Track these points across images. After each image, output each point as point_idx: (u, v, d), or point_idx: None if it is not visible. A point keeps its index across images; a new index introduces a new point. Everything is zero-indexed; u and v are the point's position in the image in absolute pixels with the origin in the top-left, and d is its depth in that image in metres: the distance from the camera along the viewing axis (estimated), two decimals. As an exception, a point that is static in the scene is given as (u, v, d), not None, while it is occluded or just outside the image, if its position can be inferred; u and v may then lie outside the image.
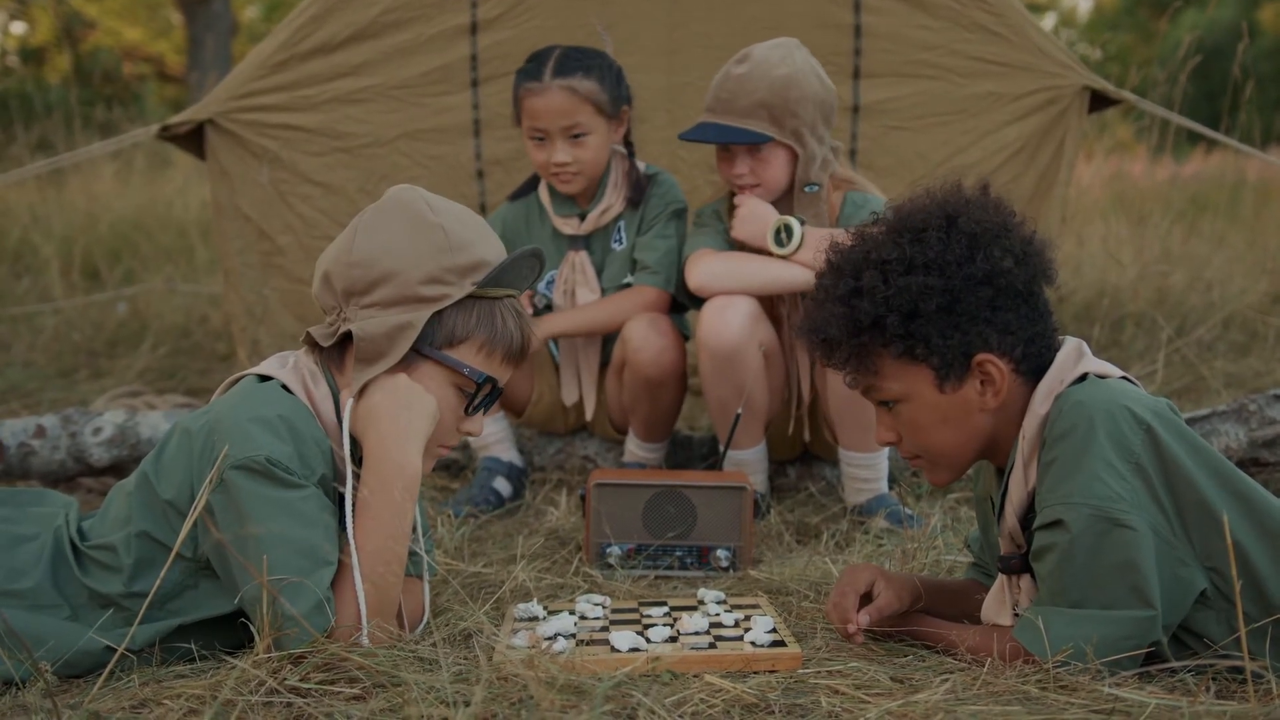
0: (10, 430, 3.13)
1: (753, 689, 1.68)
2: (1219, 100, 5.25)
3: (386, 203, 1.93)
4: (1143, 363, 4.44)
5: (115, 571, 1.83)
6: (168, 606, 1.84)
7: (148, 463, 1.88)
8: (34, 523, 1.91)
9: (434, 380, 1.91)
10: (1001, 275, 1.75)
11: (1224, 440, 2.95)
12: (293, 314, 3.98)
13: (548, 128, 3.01)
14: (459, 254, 1.88)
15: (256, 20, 20.14)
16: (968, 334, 1.76)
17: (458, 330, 1.90)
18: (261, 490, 1.74)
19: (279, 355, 1.96)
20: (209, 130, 3.86)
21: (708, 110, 2.89)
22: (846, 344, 1.82)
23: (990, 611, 1.87)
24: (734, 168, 2.90)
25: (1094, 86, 3.80)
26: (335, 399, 1.90)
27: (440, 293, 1.87)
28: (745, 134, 2.82)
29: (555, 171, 3.06)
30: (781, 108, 2.80)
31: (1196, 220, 6.28)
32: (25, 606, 1.80)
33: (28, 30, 17.77)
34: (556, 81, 2.98)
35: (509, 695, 1.58)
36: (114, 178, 8.29)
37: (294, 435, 1.80)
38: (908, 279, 1.75)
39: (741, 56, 2.86)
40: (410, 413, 1.86)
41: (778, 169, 2.88)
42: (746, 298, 2.86)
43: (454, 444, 2.00)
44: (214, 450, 1.77)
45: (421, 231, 1.88)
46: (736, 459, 2.97)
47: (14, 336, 5.32)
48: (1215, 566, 1.67)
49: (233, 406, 1.83)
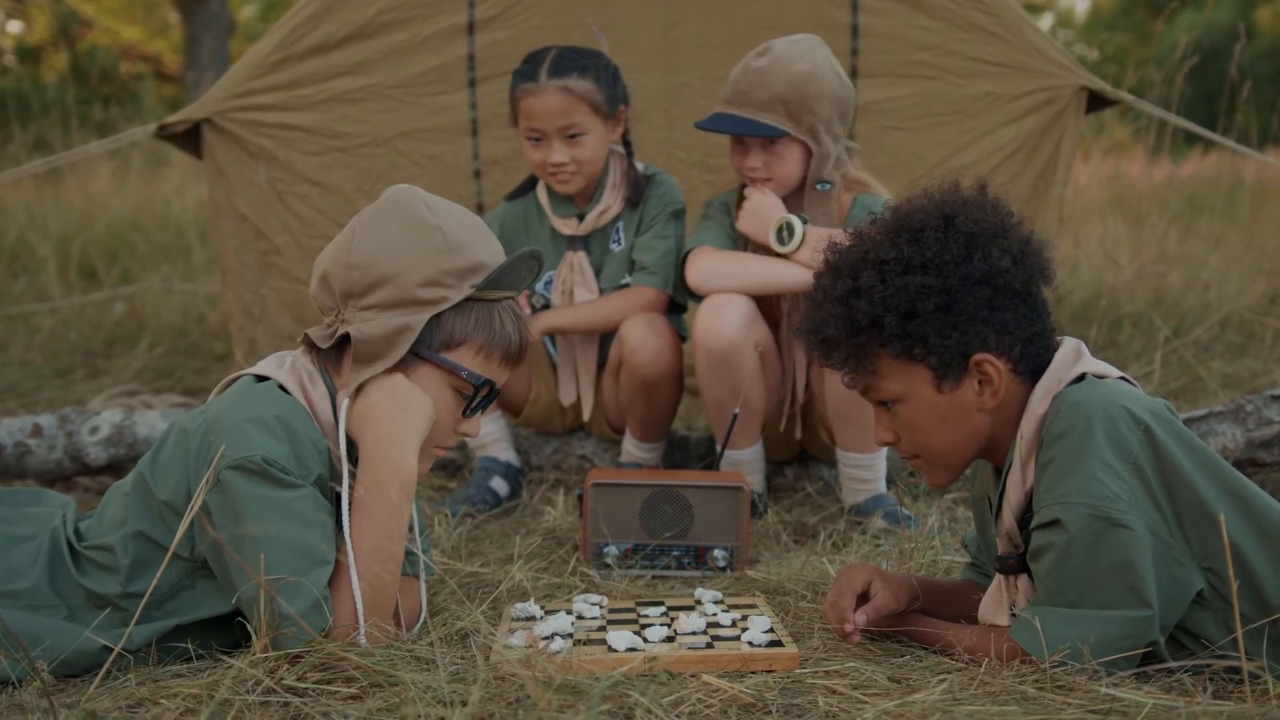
0: (7, 430, 3.12)
1: (750, 689, 1.68)
2: (1216, 101, 5.26)
3: (385, 203, 1.92)
4: (1140, 363, 4.44)
5: (112, 572, 1.83)
6: (165, 607, 1.83)
7: (144, 463, 1.87)
8: (31, 523, 1.91)
9: (431, 382, 1.90)
10: (999, 275, 1.75)
11: (1221, 441, 2.95)
12: (290, 313, 3.98)
13: (544, 128, 3.01)
14: (457, 256, 1.88)
15: (254, 19, 20.13)
16: (965, 334, 1.76)
17: (456, 333, 1.90)
18: (258, 490, 1.74)
19: (276, 355, 1.95)
20: (206, 129, 3.86)
21: (725, 101, 2.88)
22: (844, 344, 1.82)
23: (987, 611, 1.87)
24: (747, 160, 2.89)
25: (1091, 87, 3.80)
26: (333, 399, 1.90)
27: (439, 295, 1.87)
28: (761, 127, 2.82)
29: (552, 172, 3.06)
30: (799, 103, 2.80)
31: (1193, 221, 6.28)
32: (22, 606, 1.80)
33: (24, 29, 17.76)
34: (553, 82, 2.98)
35: (506, 695, 1.58)
36: (111, 177, 8.28)
37: (290, 435, 1.80)
38: (905, 279, 1.75)
39: (762, 50, 2.85)
40: (407, 413, 1.85)
41: (791, 164, 2.88)
42: (743, 298, 2.86)
43: (451, 445, 2.00)
44: (210, 450, 1.76)
45: (420, 233, 1.87)
46: (733, 459, 2.97)
47: (11, 336, 5.31)
48: (1212, 567, 1.67)
49: (229, 406, 1.82)
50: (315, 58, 3.84)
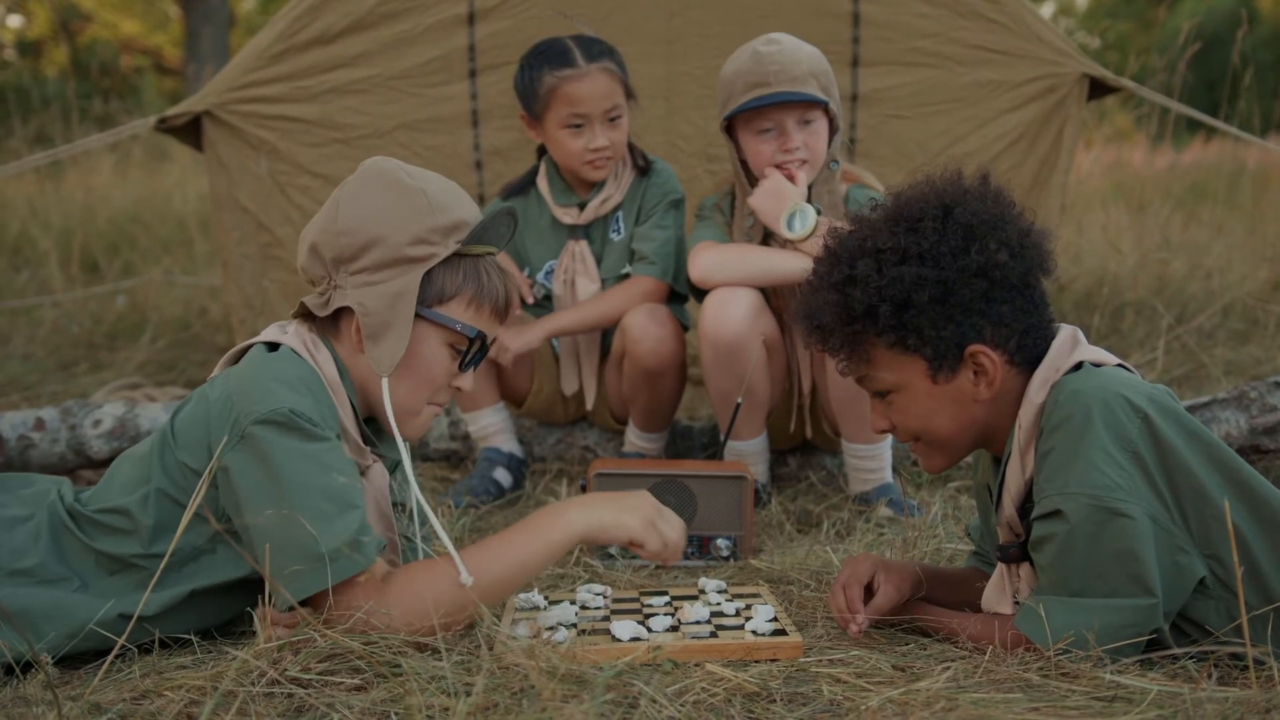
0: (10, 423, 3.12)
1: (754, 678, 1.68)
2: (1218, 88, 5.25)
3: (365, 174, 1.97)
4: (1143, 351, 4.44)
5: (130, 534, 1.84)
6: (184, 570, 1.85)
7: (163, 428, 1.90)
8: (25, 504, 1.91)
9: (428, 340, 1.95)
10: (996, 268, 1.75)
11: (1224, 428, 2.94)
12: (291, 304, 3.96)
13: (590, 111, 3.00)
14: (441, 215, 1.92)
15: (254, 12, 20.10)
16: (961, 325, 1.75)
17: (447, 288, 1.95)
18: (286, 442, 1.76)
19: (276, 325, 1.99)
20: (207, 122, 3.86)
21: (756, 86, 2.79)
22: (839, 332, 1.82)
23: (991, 600, 1.87)
24: (788, 141, 2.84)
25: (1093, 74, 3.80)
26: (338, 364, 1.93)
27: (427, 252, 1.91)
28: (812, 96, 2.80)
29: (591, 158, 3.04)
30: (825, 76, 2.83)
31: (1196, 208, 6.28)
32: (35, 582, 1.81)
33: (25, 23, 17.75)
34: (595, 65, 2.98)
35: (510, 685, 1.58)
36: (112, 170, 8.28)
37: (312, 394, 1.84)
38: (901, 269, 1.75)
39: (769, 39, 2.83)
40: (621, 506, 1.91)
41: (823, 142, 2.88)
42: (748, 290, 2.85)
43: (445, 402, 2.05)
44: (234, 409, 1.79)
45: (404, 196, 1.92)
46: (737, 450, 2.97)
47: (13, 329, 5.31)
48: (1214, 554, 1.67)
49: (252, 368, 1.86)
50: (315, 49, 3.83)
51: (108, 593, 1.82)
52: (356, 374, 1.95)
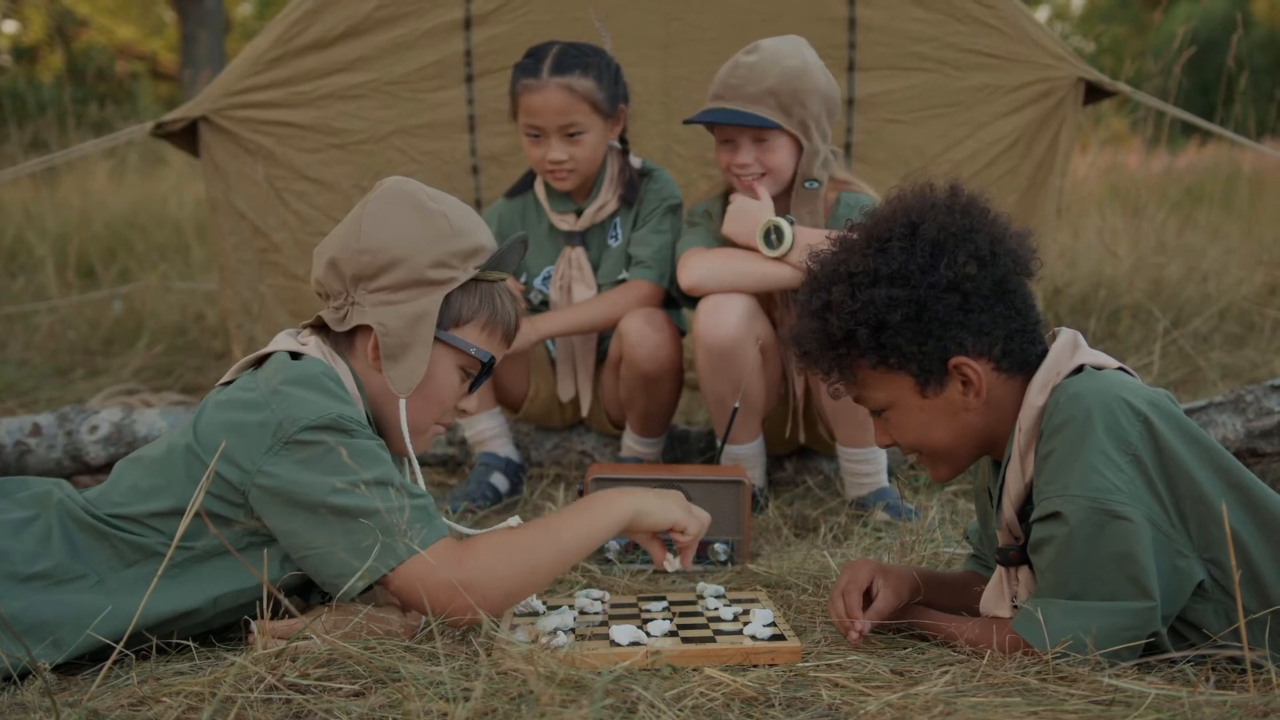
0: (6, 429, 3.12)
1: (752, 682, 1.68)
2: (1213, 92, 5.25)
3: (387, 193, 1.98)
4: (1139, 354, 4.44)
5: (157, 532, 1.82)
6: (212, 562, 1.84)
7: (181, 437, 1.86)
8: (25, 506, 1.86)
9: (442, 362, 1.98)
10: (968, 280, 1.75)
11: (1221, 431, 2.95)
12: (288, 310, 3.97)
13: (544, 125, 3.00)
14: (461, 240, 1.96)
15: (250, 17, 20.10)
16: (941, 340, 1.76)
17: (464, 312, 1.98)
18: (345, 441, 1.79)
19: (286, 333, 1.99)
20: (203, 127, 3.85)
21: (714, 97, 2.86)
22: (824, 357, 1.84)
23: (989, 604, 1.87)
24: (738, 156, 2.87)
25: (1089, 78, 3.80)
26: (355, 378, 1.95)
27: (447, 276, 1.94)
28: (753, 118, 2.80)
29: (550, 169, 3.05)
30: (790, 96, 2.79)
31: (1192, 212, 6.28)
32: (50, 584, 1.78)
33: (20, 29, 17.73)
34: (554, 79, 2.96)
35: (509, 690, 1.58)
36: (108, 176, 8.27)
37: (352, 404, 1.88)
38: (873, 291, 1.76)
39: (751, 48, 2.84)
40: (661, 495, 2.01)
41: (783, 159, 2.86)
42: (743, 294, 2.85)
43: (450, 422, 2.09)
44: (277, 417, 1.79)
45: (426, 219, 1.95)
46: (734, 454, 2.97)
47: (9, 335, 5.31)
48: (1213, 558, 1.68)
49: (286, 378, 1.85)
50: (312, 54, 3.83)
51: (125, 587, 1.80)
52: (369, 389, 1.97)
